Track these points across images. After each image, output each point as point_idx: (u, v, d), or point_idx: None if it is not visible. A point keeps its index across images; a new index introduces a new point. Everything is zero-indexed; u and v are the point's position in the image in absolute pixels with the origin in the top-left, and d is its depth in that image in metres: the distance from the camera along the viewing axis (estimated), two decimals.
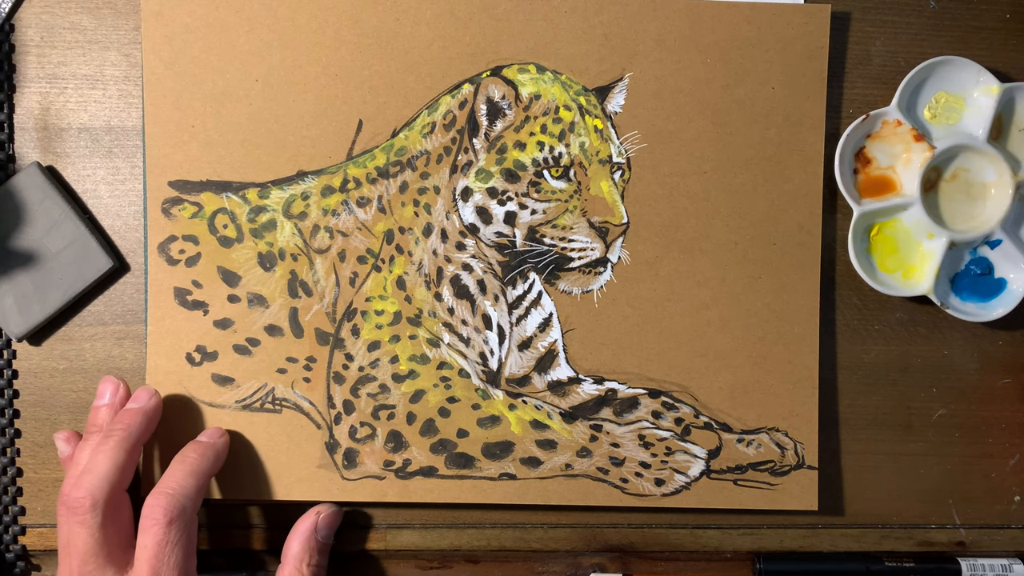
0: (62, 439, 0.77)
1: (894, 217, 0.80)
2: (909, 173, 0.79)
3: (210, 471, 0.74)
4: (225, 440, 0.77)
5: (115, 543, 0.70)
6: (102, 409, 0.76)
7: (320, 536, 0.77)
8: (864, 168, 0.79)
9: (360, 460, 0.79)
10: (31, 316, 0.78)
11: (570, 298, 0.80)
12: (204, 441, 0.76)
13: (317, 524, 0.77)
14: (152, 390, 0.77)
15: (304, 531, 0.77)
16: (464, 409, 0.80)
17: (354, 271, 0.79)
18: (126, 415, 0.74)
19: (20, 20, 0.79)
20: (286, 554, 0.76)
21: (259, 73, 0.78)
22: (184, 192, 0.78)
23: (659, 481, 0.80)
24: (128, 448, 0.72)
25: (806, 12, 0.79)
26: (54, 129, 0.80)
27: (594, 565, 0.82)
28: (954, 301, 0.80)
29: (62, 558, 0.71)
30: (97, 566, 0.69)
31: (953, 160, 0.79)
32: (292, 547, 0.76)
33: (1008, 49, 0.81)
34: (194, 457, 0.74)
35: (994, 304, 0.80)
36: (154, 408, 0.76)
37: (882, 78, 0.81)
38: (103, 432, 0.74)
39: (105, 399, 0.77)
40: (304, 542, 0.76)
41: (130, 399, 0.76)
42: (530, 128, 0.79)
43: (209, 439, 0.76)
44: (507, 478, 0.80)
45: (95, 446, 0.72)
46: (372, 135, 0.78)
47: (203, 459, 0.74)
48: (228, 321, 0.79)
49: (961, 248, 0.80)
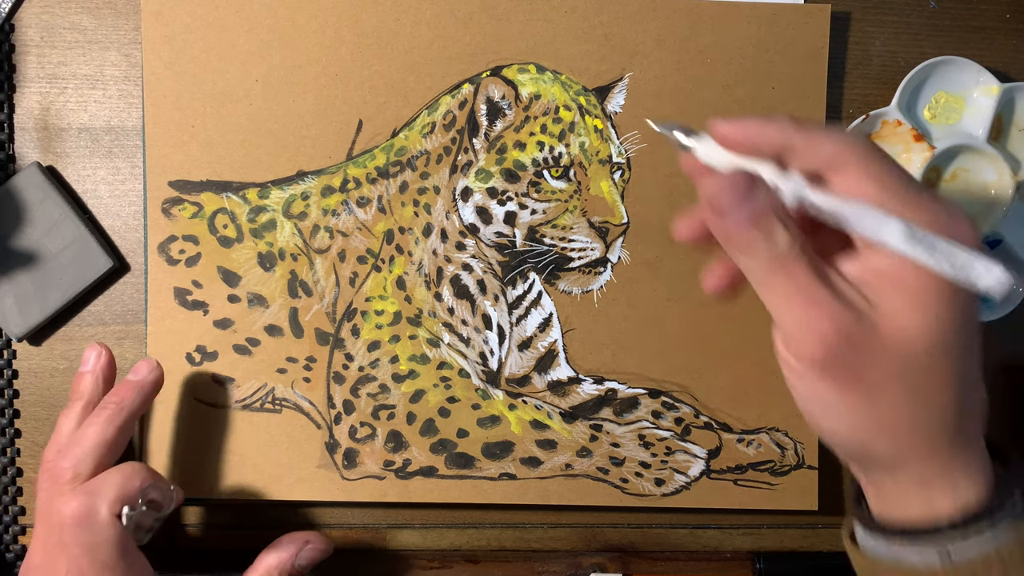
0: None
1: None
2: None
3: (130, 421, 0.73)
4: (155, 376, 0.75)
5: None
6: (86, 376, 0.75)
7: (298, 564, 0.75)
8: None
9: (360, 460, 0.80)
10: (31, 316, 0.78)
11: (570, 298, 0.80)
12: (131, 380, 0.75)
13: (301, 552, 0.76)
14: (154, 362, 0.75)
15: (285, 551, 0.75)
16: (464, 409, 0.80)
17: (354, 271, 0.79)
18: (122, 388, 0.73)
19: (20, 20, 0.79)
20: (258, 563, 0.75)
21: (259, 73, 0.78)
22: (184, 192, 0.78)
23: (659, 481, 0.80)
24: (119, 424, 0.71)
25: (806, 12, 0.79)
26: (54, 129, 0.80)
27: (594, 565, 0.82)
28: None
29: (39, 522, 0.70)
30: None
31: (953, 160, 0.79)
32: (268, 559, 0.75)
33: (1008, 49, 0.81)
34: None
35: (994, 304, 0.80)
36: (152, 383, 0.75)
37: (882, 78, 0.81)
38: (99, 405, 0.73)
39: (88, 365, 0.75)
40: (281, 561, 0.75)
41: (131, 371, 0.75)
42: (530, 128, 0.79)
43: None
44: (507, 478, 0.80)
45: (89, 419, 0.72)
46: (372, 135, 0.78)
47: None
48: (228, 321, 0.79)
49: None
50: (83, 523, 0.66)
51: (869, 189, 0.53)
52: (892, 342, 0.53)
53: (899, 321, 0.53)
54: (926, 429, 0.55)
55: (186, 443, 0.79)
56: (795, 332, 0.55)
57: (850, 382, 0.54)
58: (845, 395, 0.55)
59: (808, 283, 0.54)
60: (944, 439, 0.55)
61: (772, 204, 0.54)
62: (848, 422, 0.56)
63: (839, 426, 0.57)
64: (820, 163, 0.55)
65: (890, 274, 0.53)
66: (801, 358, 0.55)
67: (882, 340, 0.53)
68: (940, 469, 0.56)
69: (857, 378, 0.54)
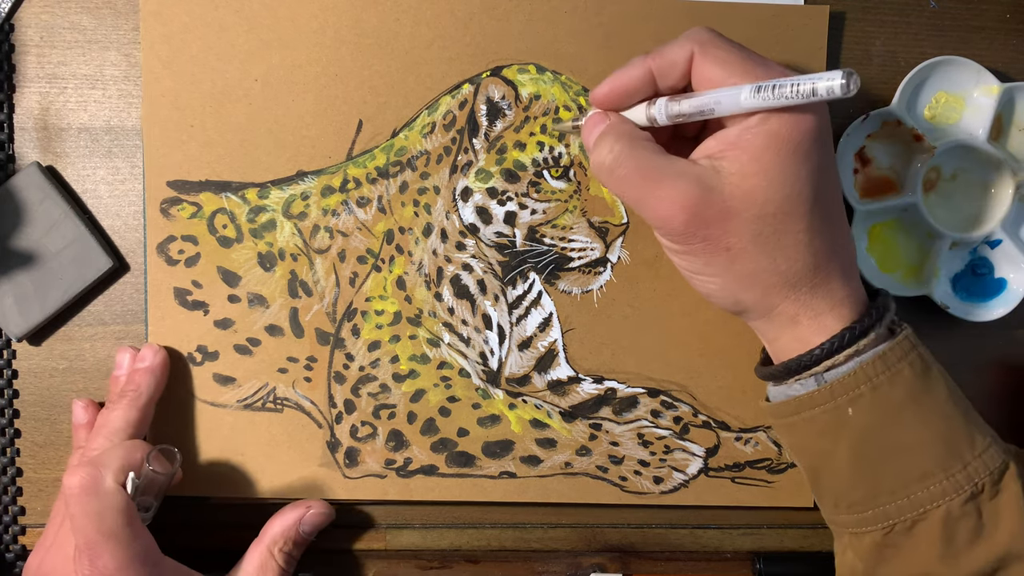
0: (81, 406, 0.78)
1: (894, 217, 0.80)
2: (909, 173, 0.79)
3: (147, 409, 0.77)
4: (161, 358, 0.78)
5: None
6: (121, 378, 0.78)
7: (302, 529, 0.78)
8: (864, 168, 0.79)
9: (361, 459, 0.80)
10: (31, 316, 0.78)
11: (570, 298, 0.80)
12: (139, 368, 0.78)
13: (304, 517, 0.78)
14: (156, 347, 0.78)
15: (289, 518, 0.78)
16: (464, 408, 0.80)
17: (354, 271, 0.79)
18: (136, 375, 0.77)
19: (20, 20, 0.79)
20: (265, 532, 0.77)
21: (258, 73, 0.78)
22: (183, 192, 0.78)
23: (658, 479, 0.81)
24: (140, 406, 0.75)
25: (805, 13, 0.79)
26: (54, 129, 0.80)
27: (594, 565, 0.82)
28: (954, 301, 0.80)
29: (56, 505, 0.76)
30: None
31: (953, 160, 0.79)
32: (273, 528, 0.77)
33: (1008, 49, 0.81)
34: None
35: (994, 304, 0.80)
36: (160, 364, 0.77)
37: (882, 78, 0.81)
38: (118, 393, 0.76)
39: (122, 369, 0.78)
40: (285, 528, 0.77)
41: (136, 359, 0.78)
42: (530, 128, 0.79)
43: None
44: (507, 476, 0.80)
45: (110, 405, 0.76)
46: (372, 135, 0.78)
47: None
48: (229, 321, 0.79)
49: (961, 248, 0.80)
50: (89, 491, 0.67)
51: (715, 74, 0.62)
52: (741, 204, 0.61)
53: (745, 183, 0.61)
54: (785, 276, 0.63)
55: (188, 442, 0.79)
56: (653, 216, 0.64)
57: (710, 250, 0.63)
58: (710, 261, 0.64)
59: (653, 173, 0.63)
60: (804, 282, 0.64)
61: (613, 128, 0.66)
62: (718, 283, 0.65)
63: (712, 287, 0.66)
64: (679, 75, 0.64)
65: (734, 141, 0.61)
66: (663, 235, 0.65)
67: (733, 205, 0.61)
68: (803, 308, 0.64)
69: (716, 245, 0.63)
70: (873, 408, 0.63)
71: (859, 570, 0.68)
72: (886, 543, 0.65)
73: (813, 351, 0.64)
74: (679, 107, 0.63)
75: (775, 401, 0.68)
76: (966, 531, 0.63)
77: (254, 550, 0.77)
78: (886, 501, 0.64)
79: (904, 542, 0.64)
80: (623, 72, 0.66)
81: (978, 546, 0.63)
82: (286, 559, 0.77)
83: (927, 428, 0.63)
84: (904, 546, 0.65)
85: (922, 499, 0.63)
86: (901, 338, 0.64)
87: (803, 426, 0.66)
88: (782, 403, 0.67)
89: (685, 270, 0.67)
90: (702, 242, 0.63)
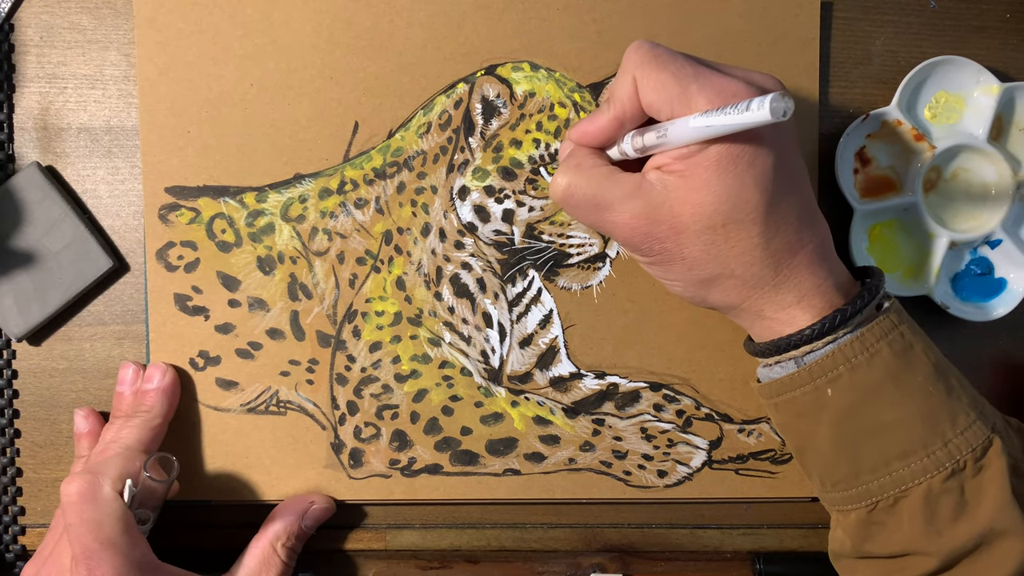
0: (81, 415, 0.79)
1: (894, 217, 0.79)
2: (909, 173, 0.79)
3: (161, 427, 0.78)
4: (171, 378, 0.79)
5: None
6: (126, 395, 0.78)
7: (305, 524, 0.78)
8: (864, 168, 0.79)
9: (366, 459, 0.80)
10: (31, 316, 0.79)
11: (570, 294, 0.80)
12: (147, 389, 0.78)
13: (306, 511, 0.79)
14: (163, 366, 0.78)
15: (291, 512, 0.78)
16: (467, 407, 0.80)
17: (353, 273, 0.79)
18: (145, 397, 0.77)
19: (20, 20, 0.79)
20: (266, 527, 0.78)
21: (254, 77, 0.78)
22: (181, 198, 0.78)
23: (662, 472, 0.81)
24: (152, 427, 0.76)
25: (796, 4, 0.78)
26: (54, 129, 0.80)
27: (594, 565, 0.82)
28: (954, 301, 0.80)
29: (56, 516, 0.75)
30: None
31: (953, 160, 0.78)
32: (275, 523, 0.77)
33: (1008, 49, 0.81)
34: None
35: (994, 304, 0.80)
36: (170, 384, 0.78)
37: (882, 78, 0.80)
38: (130, 415, 0.76)
39: (126, 385, 0.78)
40: (288, 523, 0.77)
41: (143, 379, 0.78)
42: (525, 126, 0.78)
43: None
44: (511, 474, 0.80)
45: (121, 424, 0.76)
46: (368, 136, 0.78)
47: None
48: (229, 326, 0.79)
49: (961, 248, 0.80)
50: (87, 498, 0.68)
51: (654, 99, 0.63)
52: (690, 219, 0.63)
53: (692, 199, 0.62)
54: (743, 279, 0.65)
55: (193, 447, 0.80)
56: (611, 236, 0.68)
57: (667, 260, 0.66)
58: (670, 269, 0.66)
59: (602, 200, 0.65)
60: (765, 282, 0.65)
61: (567, 159, 0.69)
62: (681, 287, 0.68)
63: (677, 289, 0.69)
64: (635, 111, 0.65)
65: (679, 155, 0.62)
66: (625, 247, 0.70)
67: (682, 220, 0.63)
68: (767, 303, 0.66)
69: (671, 256, 0.65)
70: (852, 388, 0.64)
71: (847, 546, 0.70)
72: (871, 520, 0.66)
73: (778, 341, 0.66)
74: (643, 140, 0.65)
75: (762, 382, 0.70)
76: (948, 508, 0.64)
77: (255, 546, 0.77)
78: (868, 479, 0.65)
79: (887, 519, 0.66)
80: (591, 122, 0.68)
81: (961, 522, 0.64)
82: (288, 554, 0.77)
83: (906, 406, 0.64)
84: (888, 523, 0.66)
85: (903, 477, 0.64)
86: (882, 318, 0.65)
87: (785, 407, 0.68)
88: (766, 384, 0.69)
89: (655, 276, 0.70)
90: (659, 254, 0.66)
